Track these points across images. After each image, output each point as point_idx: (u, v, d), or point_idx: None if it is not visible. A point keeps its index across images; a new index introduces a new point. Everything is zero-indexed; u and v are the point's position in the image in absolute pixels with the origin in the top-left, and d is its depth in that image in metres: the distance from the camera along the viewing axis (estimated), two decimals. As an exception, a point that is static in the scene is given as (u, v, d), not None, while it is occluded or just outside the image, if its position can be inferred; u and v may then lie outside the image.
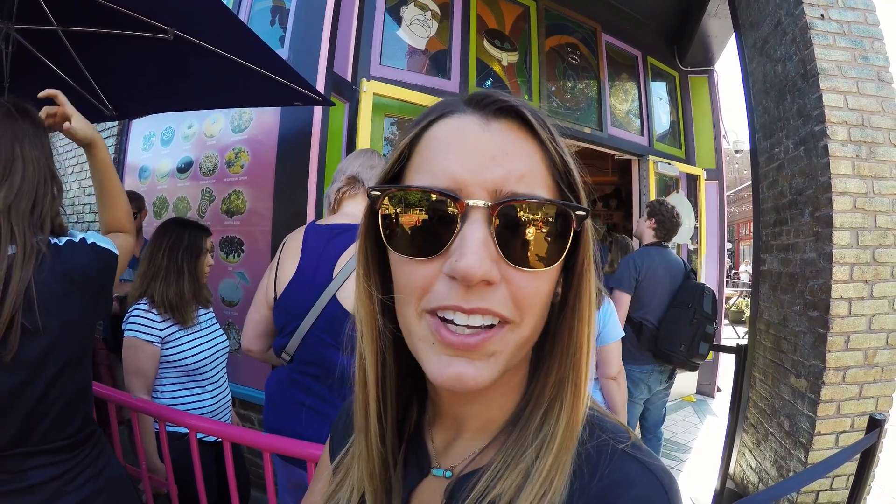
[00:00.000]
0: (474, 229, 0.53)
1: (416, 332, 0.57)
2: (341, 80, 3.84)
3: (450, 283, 0.53)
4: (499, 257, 0.53)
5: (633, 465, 0.57)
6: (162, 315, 2.42)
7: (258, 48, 2.56)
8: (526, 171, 0.56)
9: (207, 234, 2.65)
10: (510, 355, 0.57)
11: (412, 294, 0.56)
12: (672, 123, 7.11)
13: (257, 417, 3.89)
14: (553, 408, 0.60)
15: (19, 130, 1.46)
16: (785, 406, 3.67)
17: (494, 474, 0.57)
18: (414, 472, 0.68)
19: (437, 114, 0.60)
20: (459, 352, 0.54)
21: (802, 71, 3.55)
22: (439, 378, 0.55)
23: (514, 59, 5.22)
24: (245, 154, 4.00)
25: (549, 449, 0.56)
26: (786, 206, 3.86)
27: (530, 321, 0.57)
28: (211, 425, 2.23)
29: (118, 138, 5.46)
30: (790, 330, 3.71)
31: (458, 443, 0.67)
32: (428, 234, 0.55)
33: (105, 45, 2.81)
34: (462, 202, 0.53)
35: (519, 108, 0.58)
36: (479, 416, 0.65)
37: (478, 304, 0.53)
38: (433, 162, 0.57)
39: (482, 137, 0.56)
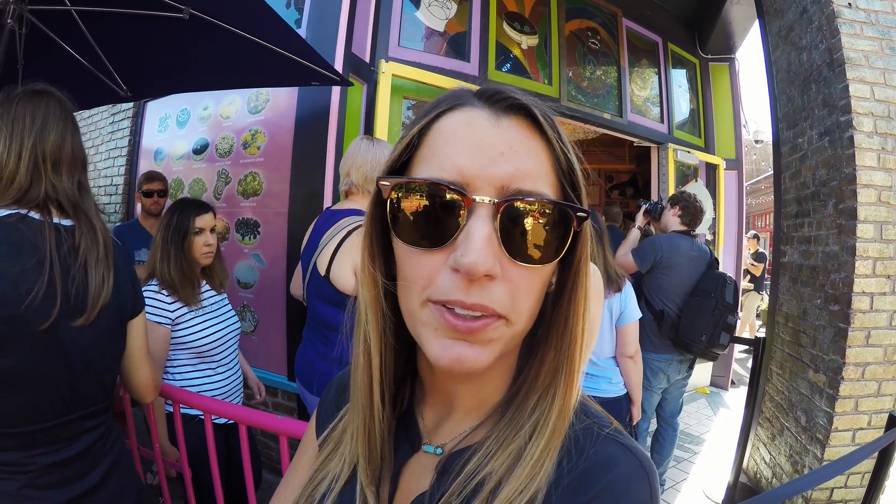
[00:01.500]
0: (479, 225, 0.54)
1: (419, 318, 0.59)
2: (359, 61, 3.81)
3: (453, 275, 0.55)
4: (501, 252, 0.55)
5: (615, 446, 0.61)
6: (172, 296, 2.41)
7: (276, 27, 2.53)
8: (532, 170, 0.57)
9: (200, 212, 2.59)
10: (505, 344, 0.59)
11: (416, 283, 0.58)
12: (692, 111, 7.01)
13: (272, 400, 3.91)
14: (547, 394, 0.63)
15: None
16: (802, 401, 3.62)
17: (487, 453, 0.60)
18: (405, 448, 0.71)
19: (447, 105, 0.61)
20: (461, 335, 0.56)
21: (828, 60, 3.47)
22: (441, 359, 0.57)
23: (533, 42, 5.16)
24: (262, 135, 3.98)
25: (542, 433, 0.59)
26: (808, 198, 3.79)
27: (524, 317, 0.59)
28: (226, 408, 2.22)
29: (133, 120, 5.46)
30: (810, 324, 3.65)
31: (450, 421, 0.70)
32: (434, 226, 0.56)
33: (119, 24, 2.78)
34: (469, 197, 0.55)
35: (529, 107, 0.59)
36: (471, 396, 0.68)
37: (478, 299, 0.54)
38: (442, 154, 0.58)
39: (492, 133, 0.57)
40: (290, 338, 3.76)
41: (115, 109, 5.75)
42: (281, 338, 3.82)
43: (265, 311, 3.97)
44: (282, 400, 3.87)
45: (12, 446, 1.34)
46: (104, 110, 5.90)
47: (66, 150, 1.52)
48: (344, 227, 2.31)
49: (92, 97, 3.41)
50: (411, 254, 0.58)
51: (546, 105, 0.62)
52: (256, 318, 4.02)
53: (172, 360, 2.47)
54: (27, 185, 1.43)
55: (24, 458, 1.35)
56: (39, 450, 1.37)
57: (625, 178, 10.33)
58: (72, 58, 2.99)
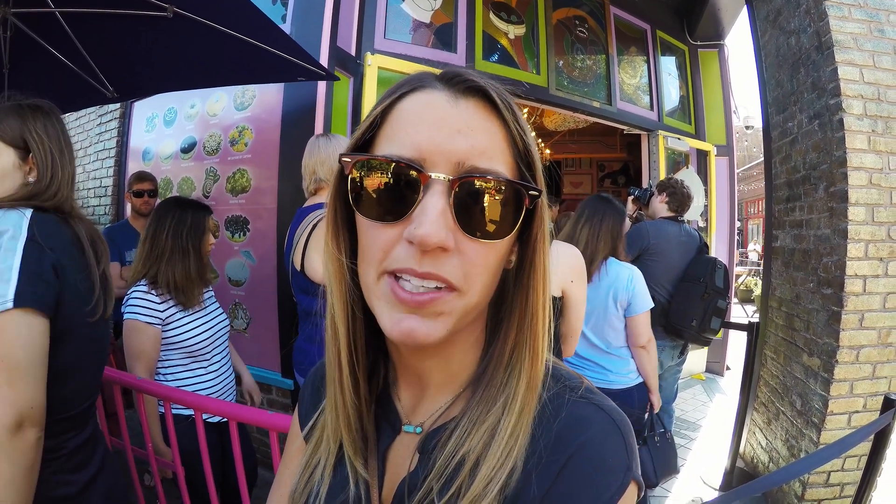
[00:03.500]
0: (434, 200, 0.57)
1: (374, 291, 0.62)
2: (345, 55, 3.78)
3: (408, 247, 0.57)
4: (455, 227, 0.58)
5: (587, 407, 0.63)
6: (161, 296, 2.39)
7: (260, 23, 2.51)
8: (488, 147, 0.60)
9: (209, 213, 2.61)
10: (458, 318, 0.61)
11: (374, 255, 0.60)
12: (682, 98, 6.99)
13: (266, 397, 3.89)
14: (514, 370, 0.65)
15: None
16: (797, 385, 3.63)
17: (463, 433, 0.63)
18: (387, 432, 0.73)
19: (409, 87, 0.64)
20: (411, 308, 0.58)
21: (817, 43, 3.46)
22: (392, 332, 0.59)
23: (521, 32, 5.13)
24: (249, 132, 3.95)
25: (512, 409, 0.62)
26: (799, 182, 3.79)
27: (477, 289, 0.61)
28: (216, 405, 2.21)
29: (120, 121, 5.43)
30: (803, 307, 3.65)
31: (425, 400, 0.72)
32: (392, 200, 0.59)
33: (104, 25, 2.76)
34: (425, 174, 0.58)
35: (487, 89, 0.62)
36: (439, 372, 0.70)
37: (430, 269, 0.57)
38: (402, 132, 0.61)
39: (450, 112, 0.60)
40: (283, 334, 3.75)
41: (102, 111, 5.71)
42: (273, 335, 3.81)
43: (257, 309, 3.96)
44: (276, 397, 3.85)
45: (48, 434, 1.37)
46: (91, 112, 5.86)
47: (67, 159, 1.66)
48: (310, 221, 2.41)
49: (79, 99, 3.39)
50: (370, 227, 0.61)
51: (504, 88, 0.64)
52: (248, 316, 4.00)
53: (164, 361, 2.45)
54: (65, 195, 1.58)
55: (58, 443, 1.44)
56: (70, 434, 1.47)
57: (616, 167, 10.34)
58: (57, 60, 2.97)
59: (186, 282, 2.44)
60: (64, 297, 1.39)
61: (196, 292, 2.50)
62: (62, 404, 1.43)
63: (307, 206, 2.59)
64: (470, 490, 0.59)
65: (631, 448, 0.61)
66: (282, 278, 3.72)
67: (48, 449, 1.38)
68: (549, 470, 0.59)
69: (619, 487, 0.58)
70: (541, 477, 0.59)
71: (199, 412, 2.16)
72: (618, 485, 0.58)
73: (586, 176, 10.90)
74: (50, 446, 1.39)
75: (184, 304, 2.44)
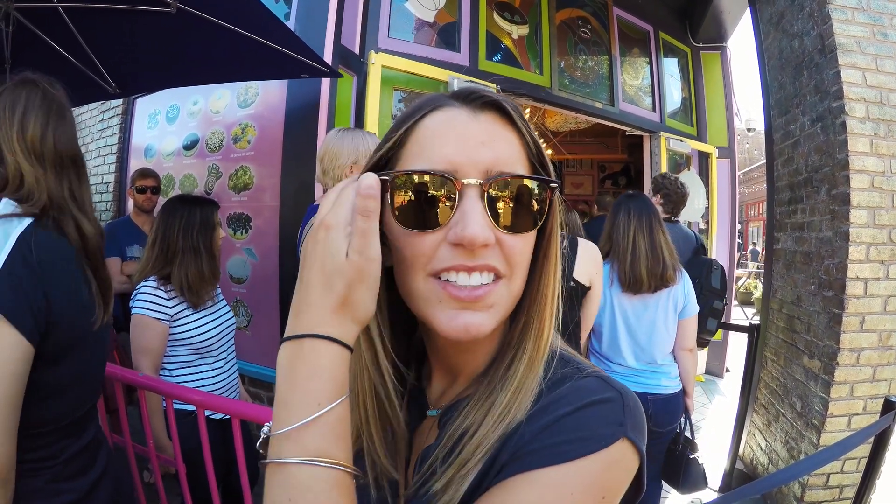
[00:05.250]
0: (472, 203, 0.63)
1: (422, 295, 0.66)
2: (349, 53, 3.79)
3: (453, 249, 0.63)
4: (492, 224, 0.63)
5: (592, 379, 0.67)
6: (170, 293, 2.38)
7: (264, 19, 2.51)
8: (509, 154, 0.67)
9: (217, 207, 2.59)
10: (506, 306, 0.68)
11: (418, 261, 0.65)
12: (684, 100, 7.00)
13: (267, 395, 3.90)
14: (519, 348, 0.71)
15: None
16: (797, 387, 3.63)
17: (470, 410, 0.69)
18: (415, 416, 0.81)
19: (429, 107, 0.69)
20: (466, 304, 0.63)
21: (820, 46, 3.46)
22: (448, 328, 0.64)
23: (524, 32, 5.13)
24: (252, 129, 3.96)
25: (511, 385, 0.67)
26: (801, 184, 3.79)
27: (519, 275, 0.68)
28: (218, 402, 2.22)
29: (123, 117, 5.44)
30: (804, 310, 3.66)
31: (451, 389, 0.79)
32: (431, 209, 0.64)
33: (107, 20, 2.76)
34: (459, 181, 0.63)
35: (501, 103, 0.68)
36: (469, 363, 0.76)
37: (482, 261, 0.63)
38: (429, 149, 0.66)
39: (472, 126, 0.66)
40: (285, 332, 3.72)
41: (105, 107, 5.70)
42: (275, 332, 3.81)
43: (258, 306, 3.96)
44: (277, 395, 3.84)
45: (43, 444, 1.34)
46: (94, 108, 5.86)
47: (47, 145, 1.40)
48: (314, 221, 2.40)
49: (81, 95, 3.37)
50: (411, 236, 0.65)
51: (513, 101, 0.71)
52: (250, 313, 4.00)
53: (170, 357, 2.44)
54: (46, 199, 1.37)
55: (55, 451, 1.37)
56: (68, 440, 1.40)
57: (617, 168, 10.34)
58: (60, 55, 2.96)
59: (200, 282, 2.42)
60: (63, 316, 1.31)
61: (208, 291, 2.49)
62: (59, 416, 1.38)
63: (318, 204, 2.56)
64: (462, 454, 0.65)
65: (629, 410, 0.64)
66: (284, 276, 3.72)
67: (43, 458, 1.34)
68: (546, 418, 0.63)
69: (611, 436, 0.61)
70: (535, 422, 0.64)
71: (202, 409, 2.15)
72: (608, 434, 0.61)
73: (587, 177, 10.89)
74: (45, 455, 1.35)
75: (195, 303, 2.43)
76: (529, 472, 0.60)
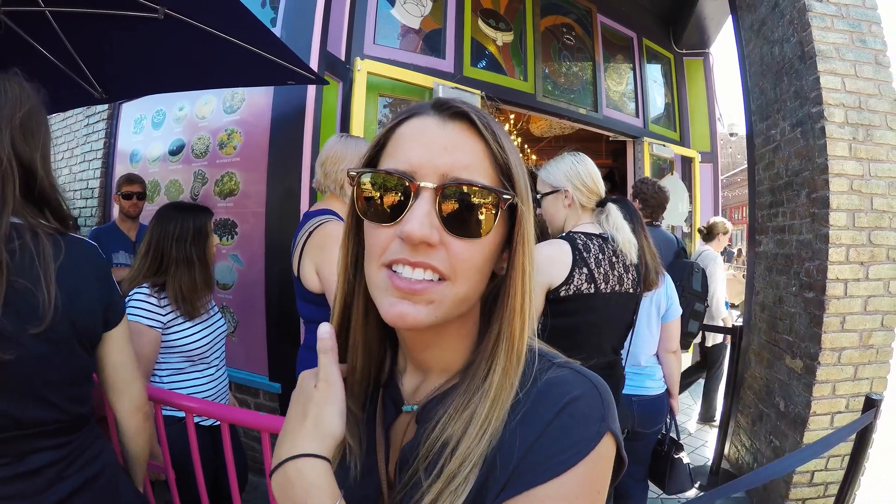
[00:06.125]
0: (421, 203, 0.67)
1: (375, 282, 0.72)
2: (335, 59, 3.80)
3: (401, 243, 0.68)
4: (440, 226, 0.68)
5: (567, 373, 0.72)
6: (162, 301, 2.35)
7: (251, 26, 2.51)
8: (469, 162, 0.70)
9: (211, 215, 2.56)
10: (447, 308, 0.70)
11: (375, 251, 0.72)
12: (667, 106, 7.09)
13: (254, 401, 3.89)
14: (494, 361, 0.73)
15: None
16: (781, 387, 3.68)
17: (448, 420, 0.72)
18: (391, 411, 0.84)
19: (408, 114, 0.76)
20: (405, 294, 0.68)
21: (800, 53, 3.53)
22: (388, 315, 0.70)
23: (509, 39, 5.18)
24: (238, 135, 3.95)
25: (487, 397, 0.70)
26: (782, 188, 3.85)
27: (464, 282, 0.70)
28: (207, 407, 2.21)
29: (108, 122, 5.39)
30: (785, 311, 3.71)
31: (424, 384, 0.82)
32: (389, 205, 0.70)
33: (94, 25, 2.74)
34: (415, 183, 0.68)
35: (469, 114, 0.72)
36: (437, 360, 0.81)
37: (421, 259, 0.67)
38: (399, 151, 0.72)
39: (438, 133, 0.71)
40: (271, 338, 3.75)
41: (90, 112, 5.66)
42: (261, 338, 3.80)
43: (245, 312, 3.95)
44: (264, 400, 3.84)
45: None
46: (78, 112, 5.82)
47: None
48: (307, 229, 2.39)
49: (67, 99, 3.36)
50: (372, 228, 0.72)
51: (486, 113, 0.74)
52: (236, 319, 3.99)
53: (160, 364, 2.42)
54: None
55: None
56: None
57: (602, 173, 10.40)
58: (46, 59, 2.93)
59: (193, 292, 2.39)
60: None
61: (202, 301, 2.46)
62: None
63: (312, 210, 2.55)
64: (448, 468, 0.68)
65: (607, 403, 0.69)
66: (269, 282, 3.72)
67: None
68: (533, 429, 0.67)
69: (595, 436, 0.66)
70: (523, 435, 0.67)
71: (191, 414, 2.15)
72: (594, 433, 0.66)
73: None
74: None
75: (189, 313, 2.40)
76: (529, 490, 0.64)
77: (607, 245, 2.29)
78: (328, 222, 2.35)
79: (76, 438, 1.47)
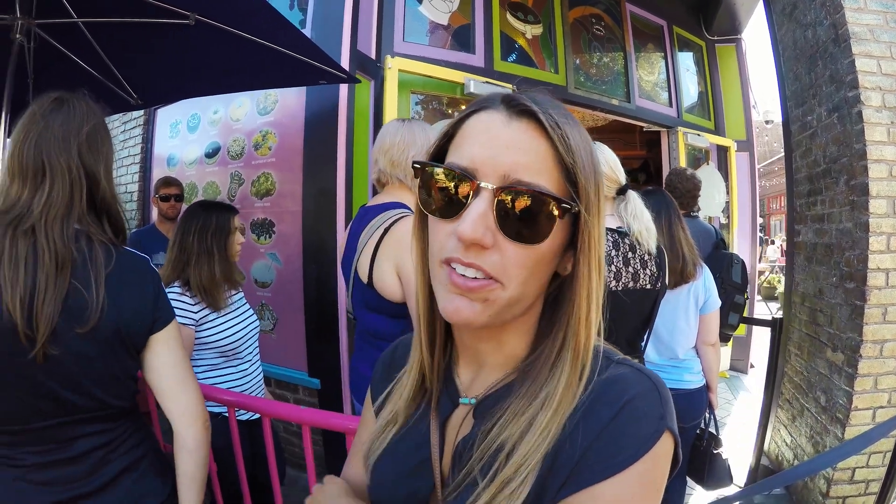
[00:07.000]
0: (478, 204, 0.67)
1: (435, 277, 0.73)
2: (365, 58, 3.84)
3: (457, 241, 0.67)
4: (496, 229, 0.67)
5: (624, 368, 0.72)
6: (194, 298, 2.45)
7: (281, 28, 2.55)
8: (532, 163, 0.68)
9: (234, 214, 2.65)
10: (500, 307, 0.70)
11: (435, 246, 0.72)
12: (700, 94, 6.97)
13: (293, 396, 3.97)
14: (557, 368, 0.72)
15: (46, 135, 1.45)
16: (821, 381, 3.61)
17: (506, 422, 0.71)
18: (447, 405, 0.84)
19: (477, 107, 0.74)
20: (461, 291, 0.68)
21: (833, 35, 3.44)
22: (444, 310, 0.71)
23: (538, 31, 5.15)
24: (272, 136, 4.02)
25: (549, 406, 0.69)
26: (820, 176, 3.77)
27: (516, 286, 0.69)
28: (248, 401, 2.27)
29: (144, 127, 5.53)
30: (826, 302, 3.64)
31: (480, 377, 0.82)
32: (449, 201, 0.70)
33: (127, 33, 2.81)
34: (475, 182, 0.68)
35: (536, 112, 0.69)
36: (493, 353, 0.80)
37: (473, 259, 0.67)
38: (463, 145, 0.72)
39: (502, 131, 0.69)
40: (310, 334, 3.82)
41: (126, 118, 5.80)
42: (300, 334, 3.87)
43: (283, 309, 4.03)
44: (303, 396, 3.92)
45: (5, 443, 1.39)
46: (115, 119, 5.95)
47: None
48: (378, 225, 2.09)
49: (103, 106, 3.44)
50: (434, 223, 0.73)
51: (560, 111, 0.71)
52: (275, 317, 4.07)
53: (196, 360, 2.50)
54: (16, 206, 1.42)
55: (13, 453, 1.40)
56: (28, 448, 1.40)
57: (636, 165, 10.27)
58: (82, 69, 3.02)
59: (212, 284, 2.48)
60: None
61: (222, 294, 2.53)
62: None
63: (372, 206, 2.24)
64: (503, 472, 0.67)
65: (665, 401, 0.69)
66: (307, 279, 3.79)
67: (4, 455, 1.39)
68: (593, 427, 0.67)
69: (655, 434, 0.66)
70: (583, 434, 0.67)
71: (232, 408, 2.22)
72: (652, 431, 0.66)
73: (605, 174, 10.81)
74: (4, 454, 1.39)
75: (212, 306, 2.49)
76: (589, 488, 0.64)
77: (623, 240, 2.21)
78: (406, 217, 2.03)
79: (119, 426, 1.55)
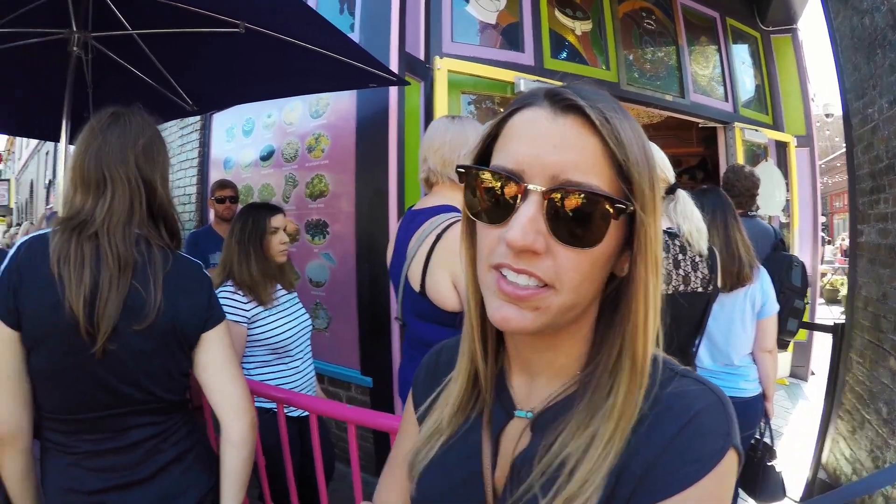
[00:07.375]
0: (527, 208, 0.63)
1: (484, 282, 0.71)
2: (414, 60, 3.87)
3: (506, 247, 0.64)
4: (547, 233, 0.64)
5: (689, 382, 0.69)
6: (246, 296, 2.54)
7: (330, 33, 2.60)
8: (581, 162, 0.64)
9: (273, 213, 2.71)
10: (553, 315, 0.67)
11: (483, 252, 0.69)
12: (757, 88, 6.76)
13: (346, 394, 4.04)
14: (618, 376, 0.69)
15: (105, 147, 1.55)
16: (883, 391, 3.43)
17: (568, 436, 0.68)
18: (500, 416, 0.80)
19: (520, 104, 0.70)
20: (511, 299, 0.65)
21: (892, 22, 3.26)
22: (493, 318, 0.68)
23: (587, 27, 5.09)
24: (325, 139, 4.10)
25: (612, 417, 0.66)
26: (882, 172, 3.59)
27: (570, 291, 0.66)
28: (297, 398, 2.33)
29: (201, 132, 5.72)
30: (890, 308, 3.47)
31: (535, 387, 0.78)
32: (497, 206, 0.67)
33: (180, 43, 2.92)
34: (522, 185, 0.64)
35: (583, 107, 0.65)
36: (548, 362, 0.77)
37: (524, 266, 0.64)
38: (509, 146, 0.68)
39: (548, 128, 0.65)
40: (363, 333, 3.89)
41: (183, 123, 6.00)
42: (353, 333, 3.94)
43: (337, 308, 4.11)
44: (355, 394, 3.98)
45: (62, 430, 1.49)
46: (172, 125, 6.15)
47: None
48: (430, 230, 1.96)
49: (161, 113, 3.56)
50: (482, 228, 0.70)
51: (609, 104, 0.67)
52: (329, 315, 4.15)
53: (248, 357, 2.60)
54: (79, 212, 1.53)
55: (69, 441, 1.49)
56: (83, 436, 1.49)
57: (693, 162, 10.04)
58: (138, 78, 3.15)
59: (253, 282, 2.57)
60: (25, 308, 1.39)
61: (266, 291, 2.61)
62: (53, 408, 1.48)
63: (420, 209, 2.12)
64: (566, 489, 0.64)
65: (730, 417, 0.67)
66: (361, 279, 3.85)
67: (62, 443, 1.48)
68: (657, 443, 0.64)
69: (720, 451, 0.63)
70: (647, 449, 0.64)
71: (282, 405, 2.28)
72: (718, 448, 0.63)
73: (660, 172, 10.61)
74: (61, 441, 1.49)
75: (259, 302, 2.57)
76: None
77: (673, 242, 2.15)
78: (458, 222, 1.82)
79: (170, 419, 1.63)
